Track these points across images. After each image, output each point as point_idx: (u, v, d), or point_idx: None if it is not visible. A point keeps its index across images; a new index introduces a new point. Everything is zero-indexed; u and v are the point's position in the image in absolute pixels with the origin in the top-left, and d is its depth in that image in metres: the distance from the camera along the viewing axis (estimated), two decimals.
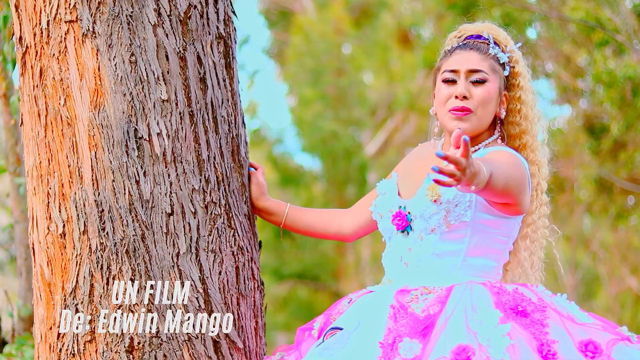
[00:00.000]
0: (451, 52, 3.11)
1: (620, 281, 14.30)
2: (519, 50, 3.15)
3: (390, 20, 17.66)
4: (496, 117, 3.10)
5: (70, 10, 3.11)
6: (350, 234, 3.36)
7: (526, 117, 3.10)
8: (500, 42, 3.11)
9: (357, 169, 16.46)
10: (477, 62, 3.06)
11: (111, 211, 3.06)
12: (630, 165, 10.27)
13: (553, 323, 2.85)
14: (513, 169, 2.92)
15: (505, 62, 3.09)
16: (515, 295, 2.92)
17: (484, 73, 3.04)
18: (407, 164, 3.25)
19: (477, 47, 3.08)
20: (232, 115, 3.26)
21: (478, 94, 3.03)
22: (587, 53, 10.32)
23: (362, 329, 2.92)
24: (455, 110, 3.03)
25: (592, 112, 10.89)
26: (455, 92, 3.03)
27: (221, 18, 3.26)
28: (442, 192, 2.97)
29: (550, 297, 2.99)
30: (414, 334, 2.83)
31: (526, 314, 2.87)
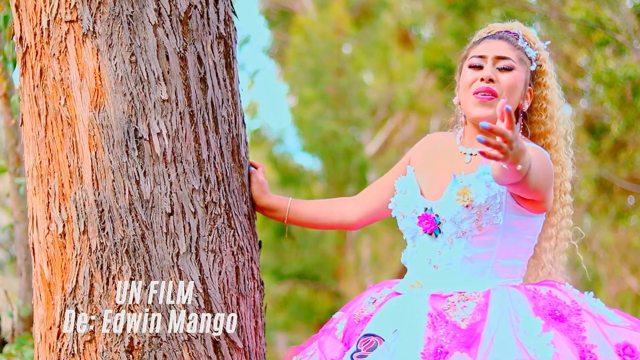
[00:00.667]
0: (479, 41, 3.11)
1: (620, 281, 14.29)
2: (546, 51, 3.14)
3: (390, 20, 17.65)
4: (519, 110, 3.08)
5: (70, 10, 3.11)
6: (355, 221, 3.33)
7: (552, 116, 3.10)
8: (529, 38, 3.11)
9: (357, 169, 16.45)
10: (506, 50, 3.05)
11: (111, 211, 3.06)
12: (630, 165, 10.27)
13: (589, 327, 2.86)
14: (542, 164, 2.90)
15: (532, 58, 3.09)
16: (550, 299, 2.92)
17: (512, 61, 3.04)
18: (421, 156, 3.20)
19: (506, 38, 3.08)
20: (232, 115, 3.26)
21: (505, 80, 3.02)
22: (587, 53, 10.32)
23: (401, 339, 2.89)
24: (480, 93, 3.01)
25: (592, 112, 10.88)
26: (481, 74, 3.02)
27: (221, 18, 3.26)
28: (474, 197, 2.95)
29: (579, 296, 2.99)
30: (461, 347, 2.81)
31: (563, 318, 2.87)
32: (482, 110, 3.01)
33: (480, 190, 2.95)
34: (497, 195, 2.96)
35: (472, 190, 2.96)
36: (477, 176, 2.98)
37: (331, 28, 16.84)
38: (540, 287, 2.98)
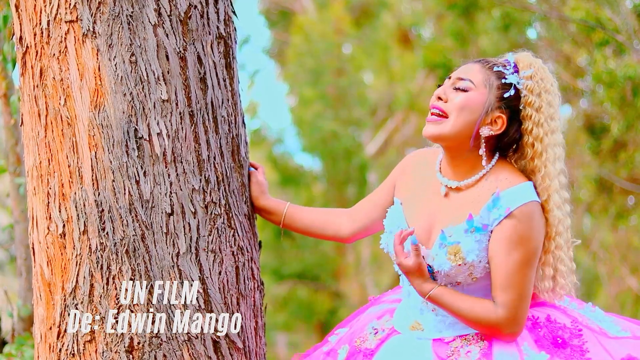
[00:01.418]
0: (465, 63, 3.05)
1: (620, 281, 14.29)
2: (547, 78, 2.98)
3: (390, 20, 17.66)
4: (479, 135, 2.94)
5: (70, 10, 3.11)
6: (349, 236, 3.32)
7: (539, 154, 2.95)
8: (521, 66, 2.97)
9: (357, 169, 16.45)
10: (472, 72, 2.96)
11: (111, 211, 3.06)
12: (630, 165, 10.27)
13: (592, 346, 2.84)
14: (528, 236, 2.86)
15: (511, 84, 2.94)
16: (549, 325, 2.90)
17: (470, 83, 2.94)
18: (406, 185, 3.16)
19: (485, 61, 3.00)
20: (232, 115, 3.26)
21: (454, 99, 2.93)
22: (587, 53, 10.32)
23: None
24: (432, 109, 2.96)
25: (592, 112, 10.88)
26: (435, 92, 2.99)
27: (221, 18, 3.26)
28: (465, 255, 2.91)
29: (578, 311, 2.97)
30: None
31: (565, 344, 2.85)
32: (428, 128, 2.96)
33: (471, 246, 2.91)
34: (487, 248, 2.92)
35: (463, 248, 2.91)
36: (465, 231, 2.93)
37: (331, 28, 16.84)
38: (538, 312, 2.97)
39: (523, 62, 2.98)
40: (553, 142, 2.95)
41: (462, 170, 2.99)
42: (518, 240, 2.85)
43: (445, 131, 2.94)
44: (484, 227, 2.90)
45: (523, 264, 2.86)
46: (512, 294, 2.85)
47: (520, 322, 2.87)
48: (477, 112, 2.93)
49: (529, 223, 2.86)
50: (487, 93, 2.93)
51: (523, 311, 2.87)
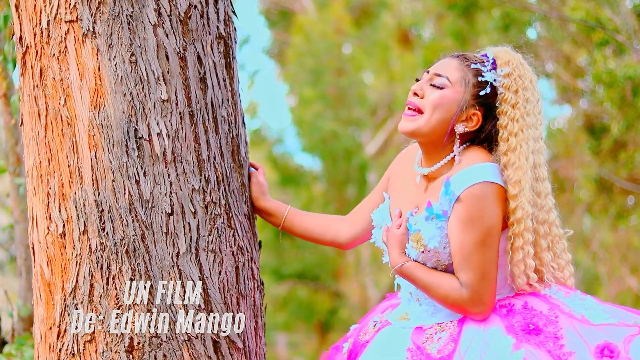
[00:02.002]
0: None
1: (620, 281, 14.29)
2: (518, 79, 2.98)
3: (390, 20, 17.66)
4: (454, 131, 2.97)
5: (70, 10, 3.11)
6: (348, 241, 3.35)
7: (512, 148, 2.95)
8: (499, 63, 2.99)
9: (357, 169, 16.46)
10: (448, 68, 2.98)
11: (111, 211, 3.06)
12: (630, 165, 10.27)
13: (567, 333, 2.85)
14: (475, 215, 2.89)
15: (488, 82, 2.96)
16: (525, 312, 2.91)
17: (445, 80, 2.96)
18: (396, 179, 3.21)
19: (464, 57, 3.01)
20: (232, 115, 3.26)
21: (430, 96, 2.96)
22: (587, 53, 10.32)
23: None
24: (408, 105, 2.99)
25: (592, 112, 10.88)
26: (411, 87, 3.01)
27: (221, 18, 3.26)
28: (426, 242, 2.96)
29: (563, 298, 2.98)
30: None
31: (539, 330, 2.86)
32: (403, 123, 3.00)
33: (431, 233, 2.95)
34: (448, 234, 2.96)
35: (423, 235, 2.96)
36: (426, 218, 2.97)
37: (331, 28, 16.84)
38: (517, 299, 2.98)
39: (502, 58, 3.00)
40: (528, 136, 2.96)
41: (431, 158, 3.04)
42: (468, 222, 2.88)
43: (419, 127, 2.98)
44: (444, 213, 2.94)
45: (478, 244, 2.89)
46: (472, 275, 2.89)
47: (486, 302, 2.90)
48: (452, 110, 2.96)
49: (476, 204, 2.89)
50: (463, 91, 2.96)
51: (486, 291, 2.90)
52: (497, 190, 2.91)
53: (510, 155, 2.94)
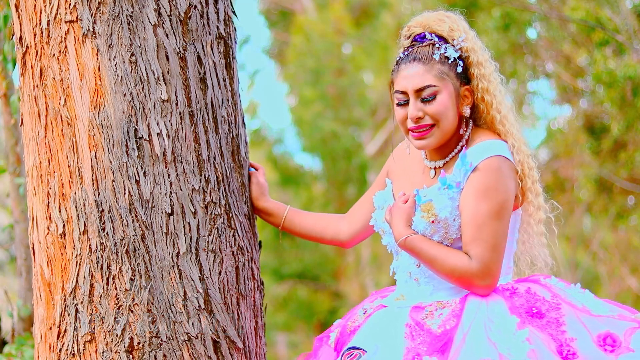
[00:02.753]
0: (399, 66, 3.04)
1: (620, 281, 14.30)
2: (470, 34, 3.04)
3: (390, 20, 17.66)
4: (461, 116, 3.04)
5: (70, 10, 3.11)
6: (348, 240, 3.35)
7: (489, 104, 3.03)
8: (446, 36, 3.02)
9: (357, 169, 16.46)
10: (422, 76, 2.98)
11: (111, 211, 3.06)
12: (630, 165, 10.27)
13: (569, 320, 2.86)
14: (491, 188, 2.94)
15: (455, 58, 3.00)
16: (528, 296, 2.92)
17: (432, 87, 2.98)
18: (398, 167, 3.23)
19: (420, 56, 3.00)
20: (232, 115, 3.26)
21: (431, 110, 2.98)
22: (587, 53, 10.32)
23: (382, 351, 2.91)
24: (414, 131, 3.01)
25: (592, 112, 10.88)
26: (408, 114, 3.00)
27: (221, 18, 3.26)
28: (437, 212, 2.97)
29: (564, 289, 2.99)
30: (433, 351, 2.83)
31: (541, 314, 2.87)
32: (422, 143, 3.02)
33: (443, 203, 2.97)
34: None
35: (435, 205, 2.98)
36: (439, 189, 3.00)
37: (331, 28, 16.85)
38: (519, 284, 2.99)
39: (442, 29, 3.03)
40: (494, 87, 3.04)
41: (446, 150, 3.07)
42: (484, 192, 2.92)
43: (439, 138, 3.02)
44: (457, 184, 2.97)
45: (492, 215, 2.91)
46: (483, 246, 2.90)
47: (494, 275, 2.91)
48: (454, 105, 3.01)
49: (493, 175, 2.94)
50: (448, 83, 3.00)
51: (495, 264, 2.92)
52: (512, 167, 2.98)
53: (493, 112, 3.03)
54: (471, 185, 2.94)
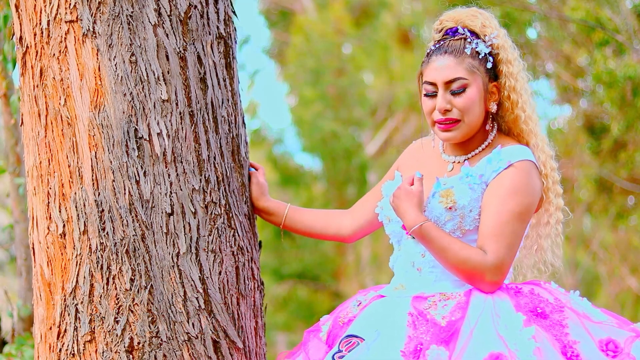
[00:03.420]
0: (429, 58, 3.05)
1: (620, 281, 14.30)
2: (501, 32, 3.07)
3: (390, 20, 17.66)
4: (488, 112, 3.06)
5: (70, 10, 3.11)
6: (350, 235, 3.34)
7: (515, 103, 3.05)
8: (478, 32, 3.04)
9: (357, 169, 16.46)
10: (453, 68, 2.99)
11: (111, 211, 3.06)
12: (630, 165, 10.27)
13: (572, 323, 2.86)
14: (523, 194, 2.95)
15: (486, 54, 3.02)
16: (532, 297, 2.92)
17: (462, 80, 2.99)
18: (408, 162, 3.23)
19: (452, 49, 3.02)
20: (232, 115, 3.26)
21: (460, 103, 2.99)
22: (587, 53, 10.32)
23: (382, 339, 2.90)
24: (441, 123, 3.01)
25: (592, 112, 10.88)
26: (436, 106, 3.00)
27: (221, 18, 3.26)
28: (457, 199, 2.97)
29: (564, 295, 3.00)
30: (439, 342, 2.82)
31: (545, 315, 2.87)
32: (448, 135, 3.02)
33: (463, 192, 2.97)
34: (481, 198, 2.98)
35: (455, 192, 2.98)
36: (460, 178, 3.00)
37: (331, 28, 16.85)
38: (523, 285, 2.99)
39: (474, 25, 3.05)
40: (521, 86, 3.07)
41: (470, 146, 3.08)
42: (514, 190, 2.94)
43: (464, 132, 3.02)
44: (479, 176, 2.98)
45: (516, 215, 2.92)
46: (502, 242, 2.91)
47: (504, 273, 2.92)
48: (482, 100, 3.02)
49: (526, 176, 2.96)
50: (478, 77, 3.01)
51: (508, 262, 2.93)
52: (539, 174, 3.02)
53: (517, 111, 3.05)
54: (501, 182, 2.95)
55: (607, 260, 14.13)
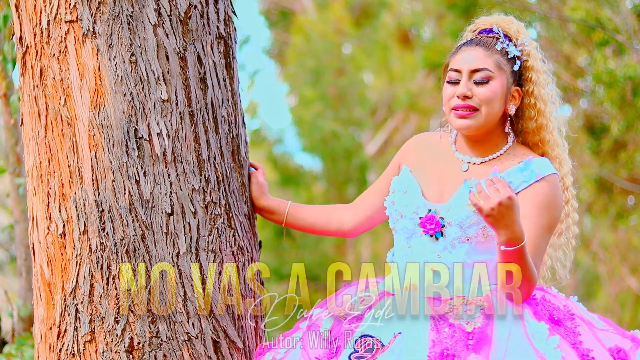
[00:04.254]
0: (458, 49, 3.07)
1: (620, 281, 14.30)
2: (533, 42, 3.09)
3: (390, 20, 17.65)
4: (506, 114, 3.05)
5: (70, 10, 3.11)
6: (351, 229, 3.33)
7: (542, 112, 3.06)
8: (512, 35, 3.06)
9: (357, 169, 16.45)
10: (481, 59, 3.01)
11: (111, 211, 3.06)
12: (630, 165, 10.27)
13: (583, 331, 2.87)
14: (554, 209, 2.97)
15: (515, 56, 3.04)
16: (544, 303, 2.93)
17: (488, 71, 3.00)
18: (414, 158, 3.19)
19: (483, 43, 3.04)
20: (232, 115, 3.26)
21: (481, 93, 2.99)
22: (587, 53, 10.32)
23: (405, 343, 2.88)
24: (458, 109, 3.00)
25: (592, 112, 10.88)
26: (457, 91, 3.01)
27: (221, 18, 3.26)
28: None
29: (568, 300, 3.00)
30: (472, 349, 2.80)
31: (560, 323, 2.88)
32: (463, 123, 3.01)
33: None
34: None
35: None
36: None
37: (331, 28, 16.84)
38: (535, 291, 2.98)
39: (509, 28, 3.07)
40: (548, 97, 3.09)
41: (487, 147, 3.07)
42: (548, 205, 2.95)
43: (480, 123, 3.01)
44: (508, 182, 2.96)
45: (547, 229, 2.95)
46: (538, 258, 2.92)
47: (535, 286, 2.93)
48: (503, 97, 3.02)
49: (556, 191, 2.98)
50: (503, 75, 3.01)
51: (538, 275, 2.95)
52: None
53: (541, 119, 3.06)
54: (537, 195, 2.95)
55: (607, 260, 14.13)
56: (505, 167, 3.02)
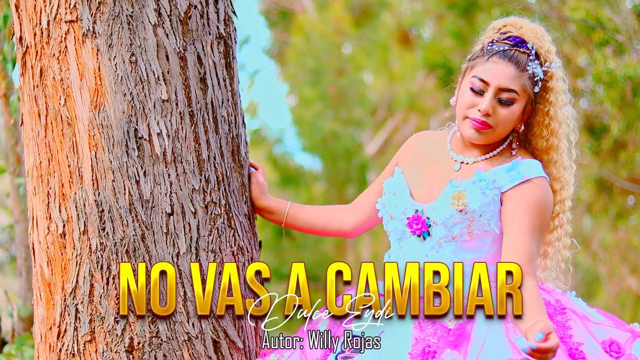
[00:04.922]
0: (489, 56, 3.01)
1: (620, 281, 14.30)
2: (560, 66, 3.08)
3: (390, 20, 17.65)
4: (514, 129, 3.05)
5: (70, 10, 3.11)
6: (351, 230, 3.33)
7: (554, 132, 3.04)
8: (542, 54, 3.02)
9: (357, 169, 16.45)
10: (512, 79, 2.97)
11: (111, 211, 3.06)
12: (630, 165, 10.27)
13: (575, 325, 2.86)
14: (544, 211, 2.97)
15: (539, 78, 3.01)
16: None
17: (515, 93, 2.97)
18: (410, 157, 3.19)
19: (516, 60, 2.99)
20: (232, 115, 3.26)
21: (502, 114, 2.97)
22: (587, 53, 10.32)
23: (388, 340, 2.90)
24: (475, 122, 2.99)
25: (592, 112, 10.88)
26: (479, 105, 2.98)
27: (221, 18, 3.26)
28: (468, 202, 2.95)
29: (562, 295, 3.00)
30: (451, 345, 2.81)
31: (550, 317, 2.87)
32: (474, 135, 3.00)
33: (476, 196, 2.96)
34: (492, 204, 2.96)
35: (467, 195, 2.96)
36: (473, 182, 2.98)
37: (331, 28, 16.84)
38: None
39: (541, 46, 3.03)
40: (564, 118, 3.06)
41: (483, 149, 3.07)
42: (536, 207, 2.94)
43: (490, 139, 3.01)
44: (492, 182, 2.97)
45: (539, 230, 2.95)
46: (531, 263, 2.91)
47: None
48: (519, 118, 3.02)
49: (545, 193, 2.97)
50: (524, 98, 3.00)
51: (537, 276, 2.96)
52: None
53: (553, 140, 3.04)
54: (524, 196, 2.94)
55: (607, 260, 14.13)
56: (494, 166, 3.02)
